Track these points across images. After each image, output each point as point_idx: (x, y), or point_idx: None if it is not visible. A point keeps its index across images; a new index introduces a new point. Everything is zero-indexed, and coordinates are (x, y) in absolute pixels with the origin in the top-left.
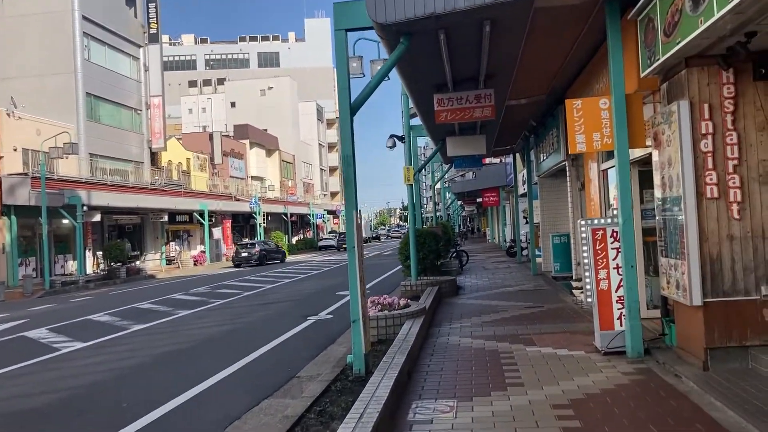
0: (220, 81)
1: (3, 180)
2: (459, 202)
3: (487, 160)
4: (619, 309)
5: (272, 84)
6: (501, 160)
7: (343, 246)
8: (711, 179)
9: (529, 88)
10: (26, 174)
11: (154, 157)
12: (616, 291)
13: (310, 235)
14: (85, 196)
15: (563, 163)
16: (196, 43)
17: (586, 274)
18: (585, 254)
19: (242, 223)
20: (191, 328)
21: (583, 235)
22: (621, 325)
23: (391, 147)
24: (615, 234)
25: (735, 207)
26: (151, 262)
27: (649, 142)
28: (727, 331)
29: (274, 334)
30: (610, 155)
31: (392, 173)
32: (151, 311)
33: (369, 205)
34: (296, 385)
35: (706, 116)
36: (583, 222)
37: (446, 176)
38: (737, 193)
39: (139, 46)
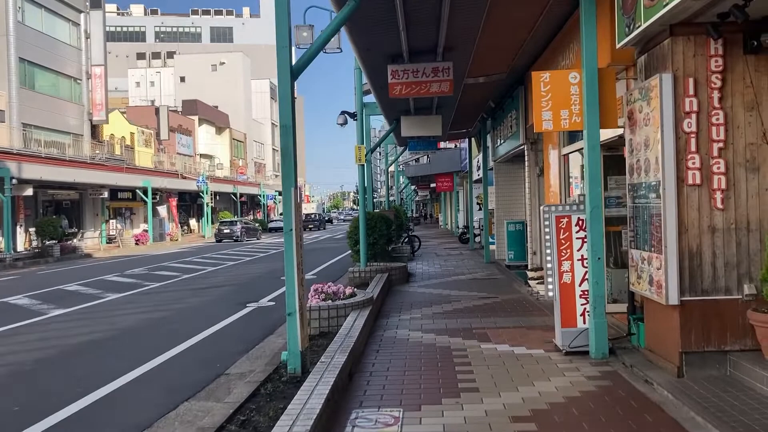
0: (170, 54)
1: None
2: (413, 187)
3: (442, 145)
4: (582, 305)
5: (224, 59)
6: (456, 145)
7: (309, 227)
8: (693, 163)
9: (490, 65)
10: None
11: (95, 130)
12: (579, 285)
13: (260, 216)
14: (15, 168)
15: (521, 148)
16: (145, 14)
17: (548, 265)
18: (548, 244)
19: (189, 202)
20: (117, 314)
21: (546, 222)
22: (584, 323)
23: (341, 124)
24: (581, 222)
25: (719, 195)
26: (91, 241)
27: (621, 122)
28: (705, 333)
29: (208, 323)
30: (572, 139)
31: (347, 156)
32: (77, 294)
33: (323, 187)
34: (223, 384)
35: (691, 92)
36: (546, 208)
37: (400, 159)
38: (722, 180)
39: (80, 11)
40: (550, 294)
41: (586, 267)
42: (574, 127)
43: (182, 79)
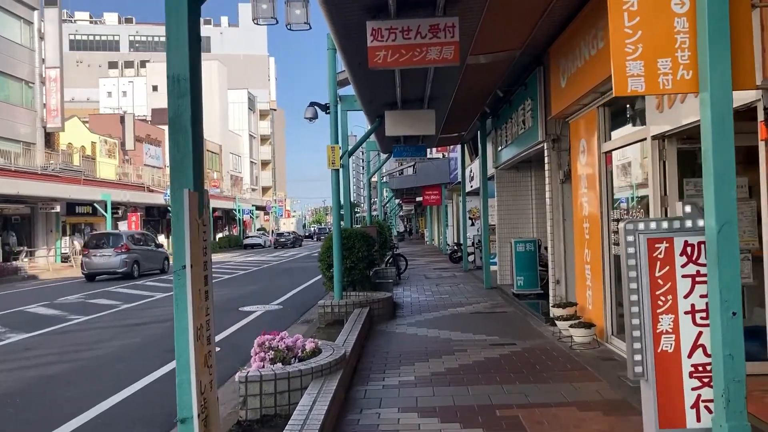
0: (143, 64)
1: None
2: (397, 201)
3: (429, 155)
4: (695, 389)
5: None
6: (444, 155)
7: (291, 242)
8: None
9: (501, 37)
10: None
11: (50, 138)
12: (689, 356)
13: (236, 231)
14: None
15: (539, 147)
16: (119, 22)
17: (634, 321)
18: (632, 285)
19: (158, 217)
20: (1, 369)
21: (630, 250)
22: (698, 420)
23: (310, 118)
24: (690, 250)
25: None
26: (43, 260)
27: (758, 80)
28: None
29: (116, 385)
30: (615, 128)
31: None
32: None
33: (304, 201)
34: None
35: None
36: (630, 227)
37: (384, 168)
38: None
39: (33, 9)
40: (638, 369)
41: (701, 325)
42: (683, 89)
43: (155, 88)
